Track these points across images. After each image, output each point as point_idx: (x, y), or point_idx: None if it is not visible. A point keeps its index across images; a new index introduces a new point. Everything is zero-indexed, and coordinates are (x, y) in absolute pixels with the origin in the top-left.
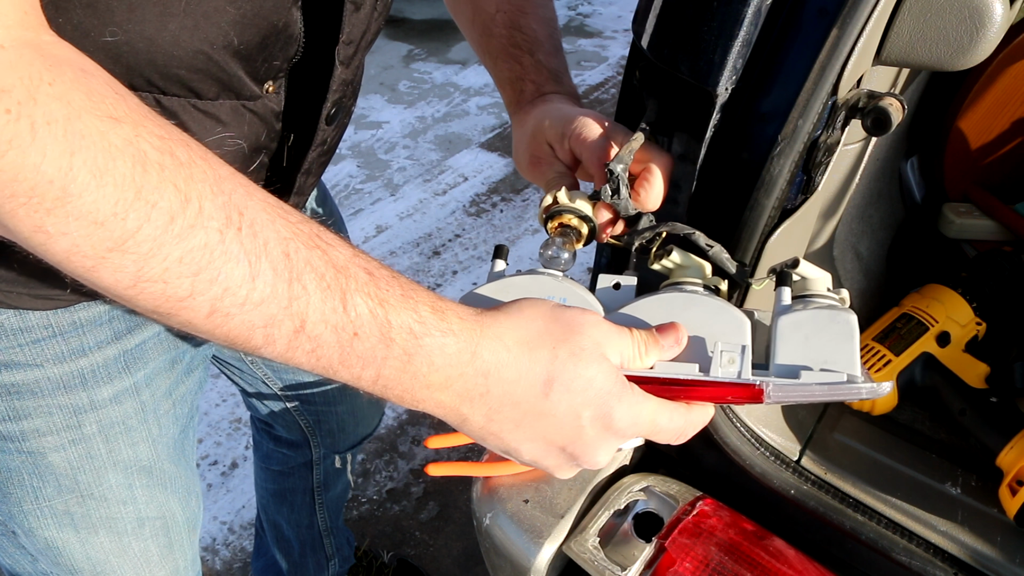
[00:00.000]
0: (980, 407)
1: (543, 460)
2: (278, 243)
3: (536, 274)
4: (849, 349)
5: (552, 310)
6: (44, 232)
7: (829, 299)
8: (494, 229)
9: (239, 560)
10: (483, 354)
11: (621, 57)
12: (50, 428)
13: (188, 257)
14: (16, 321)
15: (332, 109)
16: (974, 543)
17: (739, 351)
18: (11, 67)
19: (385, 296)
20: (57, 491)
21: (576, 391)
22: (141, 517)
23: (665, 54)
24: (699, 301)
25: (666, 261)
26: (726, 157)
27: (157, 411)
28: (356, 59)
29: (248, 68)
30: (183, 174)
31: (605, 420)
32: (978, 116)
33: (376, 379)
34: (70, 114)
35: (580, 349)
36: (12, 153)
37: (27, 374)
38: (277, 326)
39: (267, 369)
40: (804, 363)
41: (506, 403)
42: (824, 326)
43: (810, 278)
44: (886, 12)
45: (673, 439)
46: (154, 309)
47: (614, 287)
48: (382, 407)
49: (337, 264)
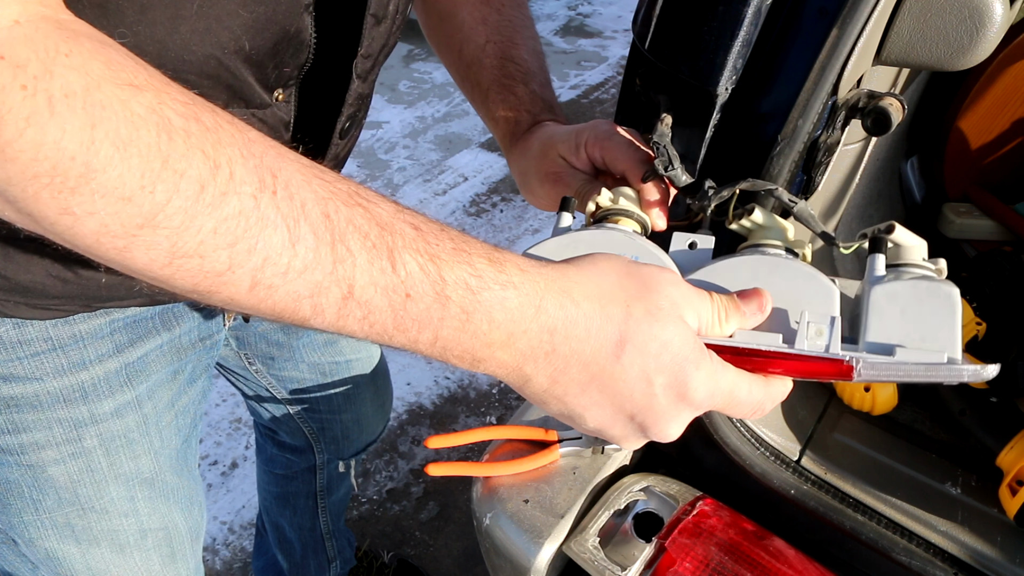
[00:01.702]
0: (980, 407)
1: (609, 429)
2: (316, 203)
3: (606, 229)
4: (950, 326)
5: (627, 265)
6: (71, 214)
7: (925, 269)
8: (494, 229)
9: (239, 560)
10: (548, 309)
11: (621, 57)
12: (49, 441)
13: (223, 227)
14: (15, 334)
15: (347, 123)
16: (974, 543)
17: (828, 323)
18: (26, 41)
19: (436, 251)
20: (57, 504)
21: (650, 354)
22: (143, 529)
23: (665, 54)
24: (784, 265)
25: (745, 221)
26: (726, 157)
27: (159, 423)
28: (374, 73)
29: (258, 74)
30: (210, 139)
31: (680, 388)
32: (978, 116)
33: (434, 341)
34: (89, 84)
35: (657, 308)
36: (31, 131)
37: (26, 387)
38: (324, 294)
39: (271, 377)
40: (899, 339)
41: (573, 363)
42: (923, 299)
43: (905, 245)
44: (886, 12)
45: (750, 414)
46: (193, 288)
47: (690, 246)
48: (387, 415)
49: (381, 221)
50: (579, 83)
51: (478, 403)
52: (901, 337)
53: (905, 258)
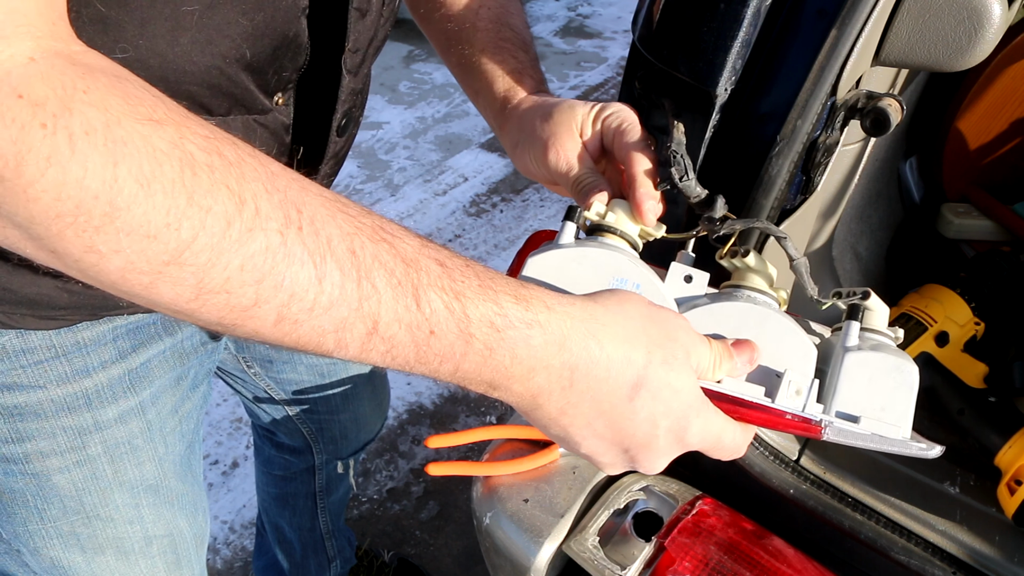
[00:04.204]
0: (978, 406)
1: (600, 456)
2: (342, 239)
3: (611, 249)
4: (906, 403)
5: (649, 309)
6: (96, 252)
7: (888, 337)
8: (494, 229)
9: (240, 559)
10: (572, 348)
11: (621, 58)
12: (54, 450)
13: (250, 263)
14: (18, 342)
15: (342, 120)
16: (972, 542)
17: (807, 384)
18: (43, 78)
19: (461, 288)
20: (62, 512)
21: (662, 399)
22: (148, 536)
23: (665, 55)
24: (773, 319)
25: (737, 260)
26: (726, 157)
27: (163, 429)
28: (364, 67)
29: (259, 81)
30: (234, 174)
31: (680, 432)
32: (977, 117)
33: (454, 372)
34: (109, 120)
35: (673, 357)
36: (52, 170)
37: (30, 396)
38: (349, 330)
39: (269, 379)
40: (864, 406)
41: (586, 398)
42: (889, 372)
43: (874, 310)
44: (885, 13)
45: (727, 456)
46: (218, 321)
47: (685, 279)
48: (385, 414)
49: (406, 257)
50: (579, 84)
51: (478, 403)
52: (864, 406)
53: (871, 322)
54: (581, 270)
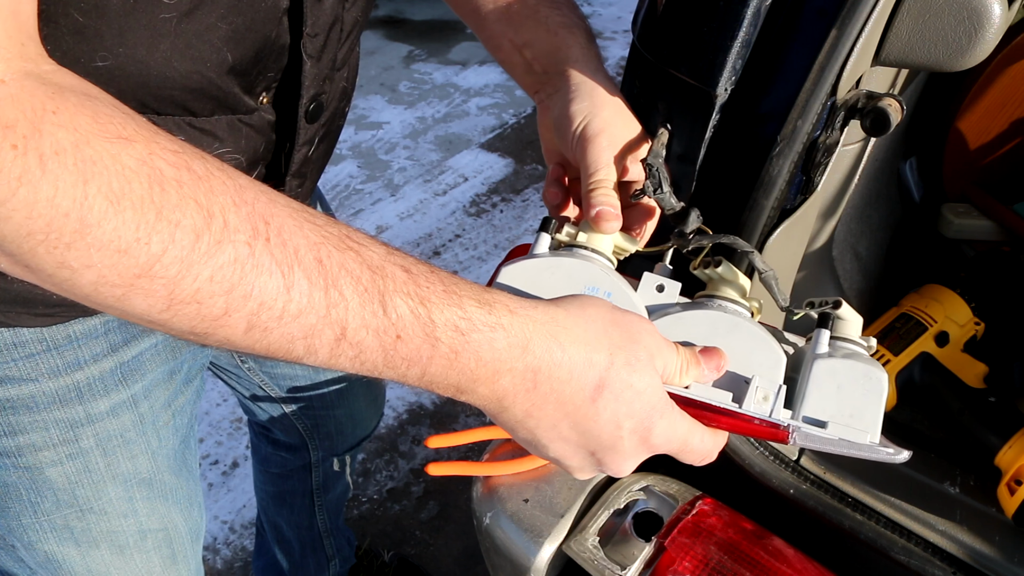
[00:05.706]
0: (978, 407)
1: (568, 460)
2: (309, 249)
3: (584, 259)
4: (875, 410)
5: (611, 312)
6: (68, 267)
7: (860, 346)
8: (494, 229)
9: (240, 559)
10: (535, 350)
11: (621, 58)
12: (46, 443)
13: (219, 275)
14: (10, 336)
15: (310, 105)
16: (972, 542)
17: (774, 390)
18: (13, 101)
19: (426, 294)
20: (56, 505)
21: (624, 401)
22: (143, 530)
23: (665, 55)
24: (743, 327)
25: (710, 271)
26: (726, 157)
27: (156, 423)
28: (328, 52)
29: (242, 83)
30: (203, 188)
31: (644, 433)
32: (977, 117)
33: (422, 376)
34: (78, 140)
35: (635, 359)
36: (23, 190)
37: (22, 389)
38: (317, 336)
39: (264, 375)
40: (832, 412)
41: (551, 400)
42: (857, 380)
43: (846, 319)
44: (885, 13)
45: (698, 460)
46: (190, 330)
47: (657, 289)
48: (380, 409)
49: (372, 265)
50: None
51: None
52: (833, 412)
53: (844, 331)
54: (554, 279)
